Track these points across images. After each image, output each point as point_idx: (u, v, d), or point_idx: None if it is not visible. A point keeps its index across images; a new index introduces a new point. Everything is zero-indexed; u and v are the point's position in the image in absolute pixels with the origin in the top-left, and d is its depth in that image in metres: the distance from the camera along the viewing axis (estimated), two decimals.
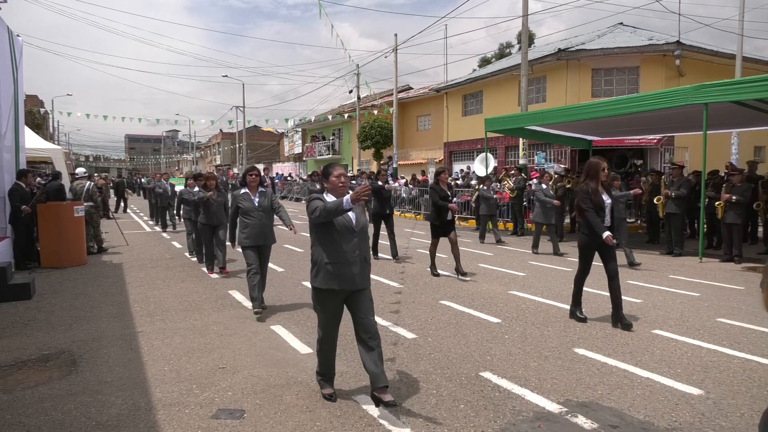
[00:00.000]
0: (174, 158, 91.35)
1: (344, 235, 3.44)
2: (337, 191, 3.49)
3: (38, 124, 35.21)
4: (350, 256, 3.42)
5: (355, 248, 3.45)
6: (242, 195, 5.93)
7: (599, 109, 10.76)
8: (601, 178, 5.38)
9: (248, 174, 6.01)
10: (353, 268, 3.43)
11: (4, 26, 8.78)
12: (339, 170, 3.54)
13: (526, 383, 3.90)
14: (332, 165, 3.61)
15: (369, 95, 33.08)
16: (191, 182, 10.25)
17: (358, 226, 3.49)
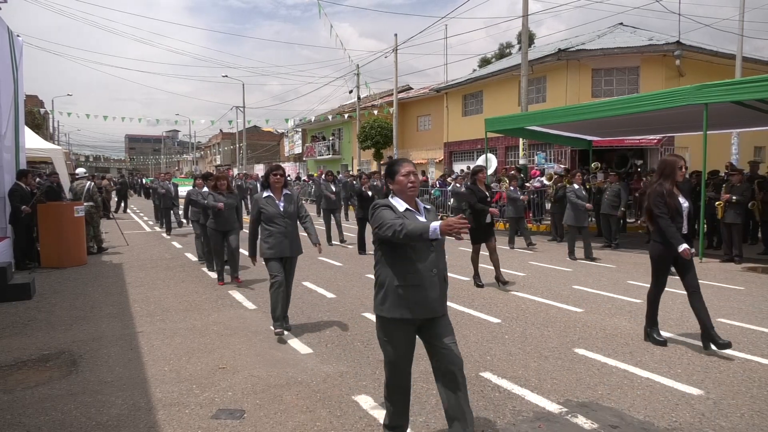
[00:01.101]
0: (174, 158, 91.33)
1: (418, 251, 2.74)
2: (405, 194, 2.82)
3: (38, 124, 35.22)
4: (427, 277, 2.74)
5: (432, 266, 2.76)
6: (265, 199, 5.12)
7: (599, 109, 10.77)
8: (678, 177, 4.71)
9: (272, 174, 5.17)
10: (431, 291, 2.76)
11: (4, 26, 8.79)
12: (407, 167, 2.83)
13: (526, 383, 3.89)
14: (399, 161, 2.91)
15: (369, 95, 33.09)
16: (200, 182, 9.69)
17: None
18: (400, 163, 2.88)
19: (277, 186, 5.16)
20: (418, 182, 2.86)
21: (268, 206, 5.08)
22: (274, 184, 5.15)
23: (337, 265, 9.04)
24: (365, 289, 7.14)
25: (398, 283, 2.74)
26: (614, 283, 7.43)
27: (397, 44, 25.38)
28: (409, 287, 2.73)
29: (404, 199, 2.82)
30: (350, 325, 5.48)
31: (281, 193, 5.19)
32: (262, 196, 5.16)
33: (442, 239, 2.74)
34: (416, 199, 2.85)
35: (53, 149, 13.81)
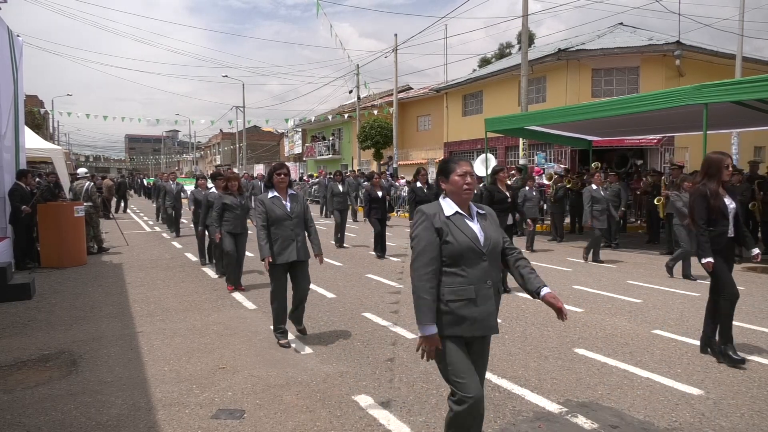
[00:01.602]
0: (174, 158, 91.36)
1: (470, 260, 2.43)
2: (459, 196, 2.52)
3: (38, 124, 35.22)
4: (480, 289, 2.44)
5: (486, 276, 2.46)
6: (271, 200, 4.73)
7: (599, 109, 10.76)
8: (724, 177, 4.36)
9: (276, 173, 4.79)
10: (486, 306, 2.46)
11: (4, 26, 8.79)
12: (464, 166, 2.53)
13: (526, 383, 3.90)
14: (455, 159, 2.61)
15: (369, 95, 33.07)
16: (202, 182, 9.54)
17: (488, 245, 2.48)
18: (456, 161, 2.58)
19: (282, 186, 4.81)
20: (475, 184, 2.58)
21: (274, 208, 4.71)
22: (278, 183, 4.79)
23: (337, 265, 9.04)
24: (365, 289, 7.14)
25: (449, 298, 2.42)
26: (614, 283, 7.43)
27: (397, 44, 25.39)
28: (460, 302, 2.43)
29: (457, 201, 2.54)
30: (350, 325, 5.47)
31: (287, 193, 4.84)
32: (267, 196, 4.75)
33: (496, 245, 2.53)
34: (470, 202, 2.58)
35: (53, 149, 13.80)
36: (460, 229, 2.45)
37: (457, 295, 2.42)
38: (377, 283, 7.59)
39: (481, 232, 2.50)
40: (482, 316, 2.46)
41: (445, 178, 2.57)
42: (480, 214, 2.58)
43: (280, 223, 4.69)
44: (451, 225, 2.46)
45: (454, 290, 2.43)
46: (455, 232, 2.45)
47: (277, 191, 4.80)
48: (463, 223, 2.48)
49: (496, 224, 2.60)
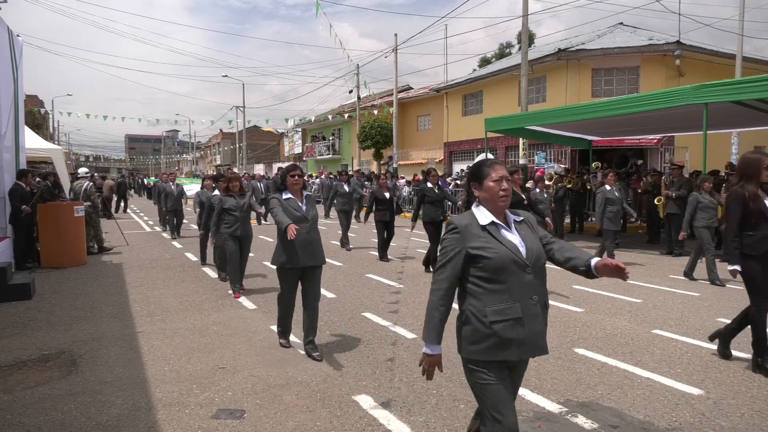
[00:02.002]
0: (174, 158, 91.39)
1: (514, 273, 2.19)
2: (495, 204, 2.27)
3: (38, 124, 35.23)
4: (527, 306, 2.19)
5: (532, 291, 2.21)
6: (288, 201, 4.50)
7: (599, 109, 10.76)
8: (763, 178, 4.11)
9: (289, 174, 4.55)
10: (534, 324, 2.21)
11: (4, 26, 8.78)
12: (499, 170, 2.29)
13: (526, 383, 3.89)
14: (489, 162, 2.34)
15: (369, 95, 33.07)
16: (208, 183, 9.19)
17: (530, 256, 2.22)
18: (490, 165, 2.30)
19: (296, 188, 4.56)
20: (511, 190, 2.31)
21: (290, 210, 4.45)
22: (293, 185, 4.54)
23: (337, 265, 9.04)
24: (365, 289, 7.15)
25: (492, 319, 2.18)
26: (614, 283, 7.43)
27: (397, 44, 25.38)
28: (505, 323, 2.17)
29: (492, 209, 2.27)
30: (350, 325, 5.47)
31: (302, 195, 4.60)
32: (281, 198, 4.51)
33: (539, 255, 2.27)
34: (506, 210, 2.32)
35: (53, 149, 13.80)
36: (498, 241, 2.21)
37: (502, 315, 2.17)
38: (377, 283, 7.59)
39: (522, 242, 2.25)
40: (530, 337, 2.20)
41: (478, 184, 2.30)
42: (517, 222, 2.34)
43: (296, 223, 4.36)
44: (487, 236, 2.22)
45: (497, 310, 2.18)
46: (493, 245, 2.20)
47: (291, 193, 4.56)
48: (501, 233, 2.24)
49: (536, 232, 2.34)
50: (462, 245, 2.22)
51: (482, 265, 2.20)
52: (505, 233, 2.26)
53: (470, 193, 2.37)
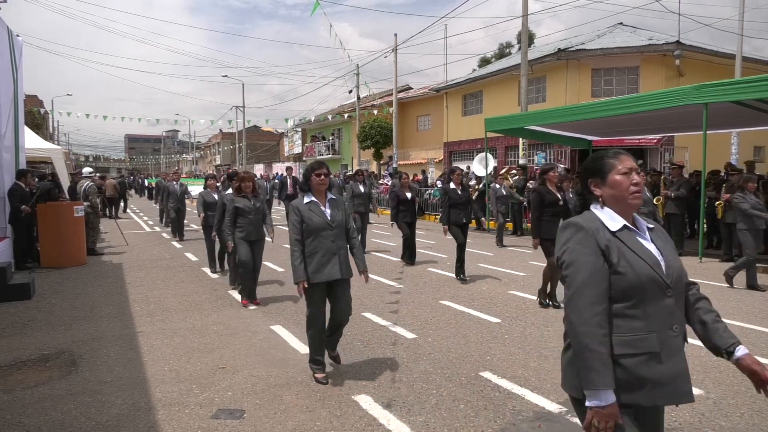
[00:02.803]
0: (174, 158, 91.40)
1: (650, 296, 1.72)
2: (625, 203, 1.81)
3: (38, 124, 35.22)
4: (666, 338, 1.72)
5: (671, 319, 1.75)
6: (308, 205, 3.97)
7: (599, 109, 10.77)
8: None
9: (314, 173, 4.00)
10: (675, 362, 1.72)
11: (3, 26, 8.78)
12: (627, 161, 1.85)
13: (526, 383, 3.89)
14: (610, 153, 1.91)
15: (369, 95, 33.09)
16: (211, 183, 8.71)
17: (671, 274, 1.75)
18: (615, 155, 1.87)
19: (321, 189, 4.02)
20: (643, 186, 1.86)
21: (312, 215, 3.92)
22: (318, 186, 4.00)
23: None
24: (365, 289, 7.14)
25: (620, 352, 1.69)
26: None
27: (397, 44, 25.39)
28: (638, 357, 1.69)
29: (621, 211, 1.81)
30: (350, 325, 5.45)
31: (326, 198, 4.07)
32: (302, 202, 4.00)
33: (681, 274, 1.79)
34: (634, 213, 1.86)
35: (53, 149, 13.81)
36: (634, 252, 1.74)
37: (635, 348, 1.70)
38: (377, 283, 7.59)
39: (661, 255, 1.77)
40: (670, 378, 1.70)
41: (600, 180, 1.87)
42: (650, 229, 1.85)
43: (318, 233, 3.90)
44: (620, 246, 1.74)
45: (628, 340, 1.70)
46: (629, 257, 1.72)
47: (314, 195, 4.02)
48: (636, 242, 1.77)
49: (672, 243, 1.87)
50: (598, 250, 1.75)
51: (611, 282, 1.73)
52: (642, 241, 1.79)
53: (589, 192, 1.91)
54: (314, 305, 3.96)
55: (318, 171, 4.00)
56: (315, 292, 3.92)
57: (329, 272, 3.89)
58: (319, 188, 4.02)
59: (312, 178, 4.01)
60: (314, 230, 3.90)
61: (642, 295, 1.71)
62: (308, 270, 3.87)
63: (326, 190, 4.06)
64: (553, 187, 6.17)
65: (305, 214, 3.92)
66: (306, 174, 4.08)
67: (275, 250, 9.59)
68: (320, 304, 3.98)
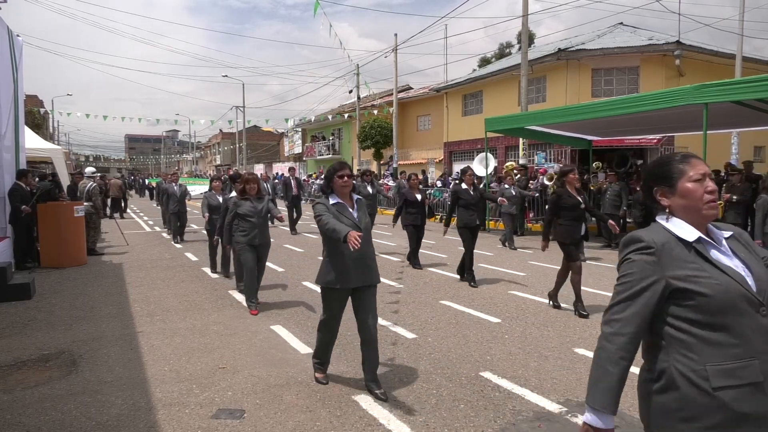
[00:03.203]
0: (174, 158, 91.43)
1: (740, 316, 1.48)
2: (699, 214, 1.60)
3: (38, 124, 35.24)
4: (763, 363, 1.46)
5: None
6: (336, 207, 3.70)
7: (599, 109, 10.76)
8: None
9: (337, 175, 3.72)
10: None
11: (4, 26, 8.79)
12: (700, 167, 1.63)
13: (526, 383, 3.90)
14: (680, 157, 1.67)
15: (369, 95, 33.10)
16: (216, 184, 8.24)
17: (762, 289, 1.52)
18: (686, 159, 1.65)
19: (345, 191, 3.77)
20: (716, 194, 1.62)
21: (341, 218, 3.64)
22: (341, 188, 3.74)
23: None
24: None
25: (718, 384, 1.44)
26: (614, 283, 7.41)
27: (397, 44, 25.38)
28: (739, 389, 1.44)
29: (695, 222, 1.60)
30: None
31: (352, 200, 3.81)
32: (329, 203, 3.70)
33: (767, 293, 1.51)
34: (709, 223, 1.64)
35: (53, 149, 13.82)
36: (715, 266, 1.52)
37: (735, 378, 1.44)
38: None
39: (745, 267, 1.55)
40: None
41: (668, 188, 1.64)
42: (728, 239, 1.64)
43: None
44: (698, 261, 1.53)
45: (725, 369, 1.45)
46: (710, 272, 1.51)
47: (339, 197, 3.76)
48: (716, 256, 1.56)
49: (756, 250, 1.64)
50: (660, 273, 1.53)
51: (696, 303, 1.50)
52: (720, 256, 1.57)
53: (653, 200, 1.69)
54: (330, 311, 3.81)
55: (341, 172, 3.72)
56: (335, 297, 3.76)
57: (357, 277, 3.66)
58: (343, 190, 3.75)
59: (335, 180, 3.73)
60: None
61: (730, 315, 1.47)
62: (333, 275, 3.66)
63: (351, 191, 3.81)
64: (573, 189, 5.91)
65: (334, 216, 3.64)
66: (328, 176, 3.77)
67: (276, 251, 9.58)
68: (338, 311, 3.84)
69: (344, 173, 3.73)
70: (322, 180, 4.12)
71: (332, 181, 3.75)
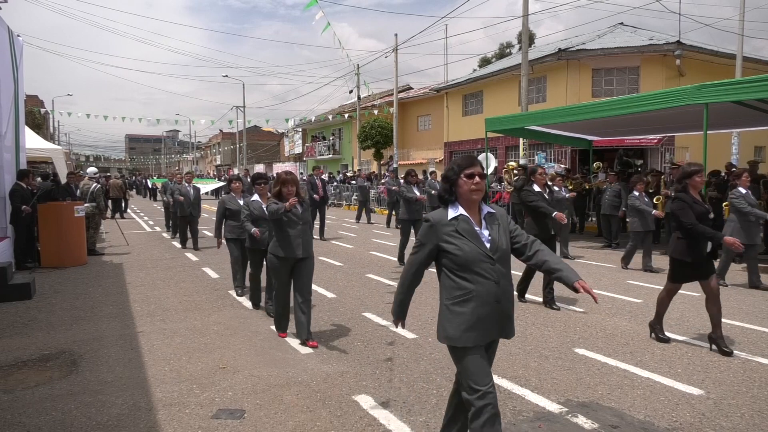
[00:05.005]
0: (174, 158, 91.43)
1: None
2: None
3: (38, 124, 35.24)
4: None
5: None
6: (458, 224, 2.48)
7: (599, 109, 10.75)
8: None
9: (464, 173, 2.49)
10: None
11: (4, 26, 8.79)
12: None
13: (526, 383, 3.89)
14: None
15: (369, 95, 33.10)
16: (237, 185, 7.00)
17: None
18: None
19: (476, 198, 2.48)
20: None
21: (463, 241, 2.43)
22: (469, 194, 2.47)
23: (337, 265, 9.04)
24: (365, 289, 7.14)
25: None
26: (614, 283, 7.43)
27: (397, 44, 25.38)
28: None
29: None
30: (350, 325, 5.48)
31: (481, 213, 2.54)
32: (445, 218, 2.49)
33: None
34: None
35: (53, 149, 13.83)
36: None
37: None
38: (377, 283, 7.59)
39: None
40: None
41: None
42: None
43: (471, 268, 2.43)
44: None
45: None
46: None
47: (464, 207, 2.50)
48: None
49: None
50: None
51: None
52: None
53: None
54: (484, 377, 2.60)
55: (470, 170, 2.47)
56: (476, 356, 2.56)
57: (493, 330, 2.53)
58: (471, 198, 2.47)
59: (461, 182, 2.49)
60: (465, 264, 2.42)
61: None
62: (455, 327, 2.46)
63: (482, 198, 2.53)
64: (697, 194, 4.80)
65: (452, 236, 2.45)
66: (450, 175, 2.53)
67: None
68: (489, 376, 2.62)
69: (475, 171, 2.47)
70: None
71: (456, 183, 2.51)
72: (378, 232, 13.88)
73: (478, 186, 2.46)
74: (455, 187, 2.52)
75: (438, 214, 2.54)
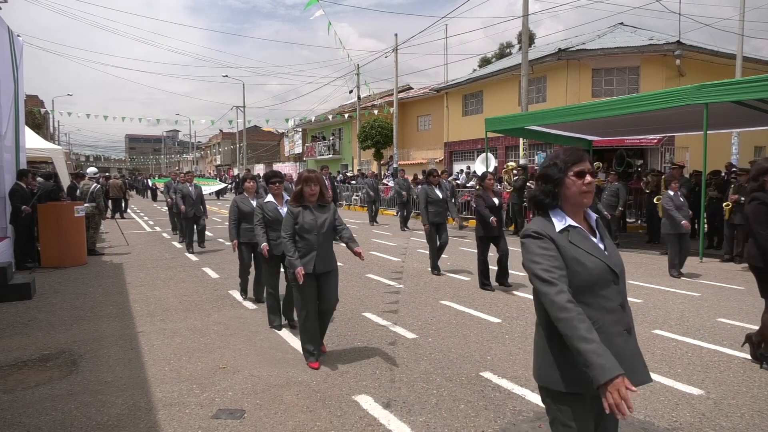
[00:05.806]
0: (174, 158, 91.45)
1: None
2: None
3: (38, 124, 35.23)
4: None
5: None
6: (570, 235, 1.94)
7: (599, 109, 10.76)
8: None
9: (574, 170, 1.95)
10: None
11: (4, 26, 8.79)
12: None
13: (526, 383, 3.89)
14: None
15: (369, 95, 33.09)
16: (250, 185, 6.47)
17: None
18: None
19: (586, 202, 1.99)
20: None
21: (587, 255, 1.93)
22: (579, 197, 1.97)
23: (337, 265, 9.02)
24: (365, 289, 7.14)
25: None
26: None
27: (397, 44, 25.38)
28: None
29: None
30: (350, 325, 5.47)
31: (589, 219, 2.07)
32: (554, 229, 1.96)
33: None
34: None
35: (53, 149, 13.83)
36: None
37: None
38: (377, 283, 7.59)
39: None
40: None
41: None
42: None
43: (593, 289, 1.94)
44: None
45: None
46: None
47: (570, 214, 2.01)
48: None
49: None
50: None
51: None
52: None
53: None
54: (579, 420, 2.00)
55: (579, 166, 1.96)
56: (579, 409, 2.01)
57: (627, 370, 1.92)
58: (579, 201, 1.97)
59: (567, 183, 1.97)
60: (590, 285, 1.93)
61: None
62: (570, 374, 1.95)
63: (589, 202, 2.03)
64: None
65: (564, 252, 1.92)
66: (553, 173, 1.99)
67: None
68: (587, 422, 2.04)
69: (585, 168, 1.96)
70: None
71: (562, 183, 1.97)
72: (378, 232, 13.88)
73: (590, 187, 1.95)
74: (560, 188, 1.97)
75: (543, 225, 1.95)
